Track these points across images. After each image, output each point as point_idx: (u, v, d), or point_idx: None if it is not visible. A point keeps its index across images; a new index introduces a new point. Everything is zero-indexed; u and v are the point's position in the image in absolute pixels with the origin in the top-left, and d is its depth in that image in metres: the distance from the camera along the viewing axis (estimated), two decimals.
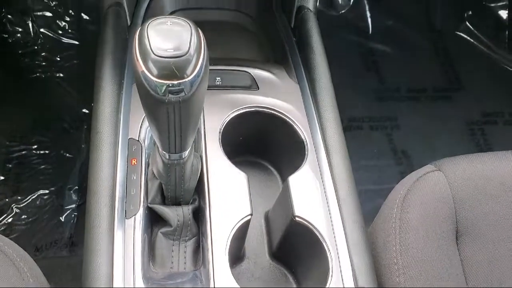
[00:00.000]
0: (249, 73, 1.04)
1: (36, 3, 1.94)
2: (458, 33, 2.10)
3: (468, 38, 2.09)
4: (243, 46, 1.23)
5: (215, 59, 1.08)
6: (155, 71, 0.61)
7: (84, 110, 1.78)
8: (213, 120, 0.94)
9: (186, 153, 0.74)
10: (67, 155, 1.69)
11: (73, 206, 1.59)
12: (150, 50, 0.61)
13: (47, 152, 1.69)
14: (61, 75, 1.87)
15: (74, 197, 1.60)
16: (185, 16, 1.23)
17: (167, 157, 0.74)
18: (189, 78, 0.63)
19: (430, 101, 1.92)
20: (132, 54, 0.63)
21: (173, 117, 0.66)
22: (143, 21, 1.09)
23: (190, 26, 0.65)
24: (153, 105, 0.66)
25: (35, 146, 1.69)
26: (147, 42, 0.62)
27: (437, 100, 1.93)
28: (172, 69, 0.62)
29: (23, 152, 1.68)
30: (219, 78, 1.02)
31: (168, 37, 0.63)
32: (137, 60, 0.62)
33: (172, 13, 1.22)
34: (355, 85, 1.95)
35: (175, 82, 0.63)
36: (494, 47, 2.08)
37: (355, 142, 1.80)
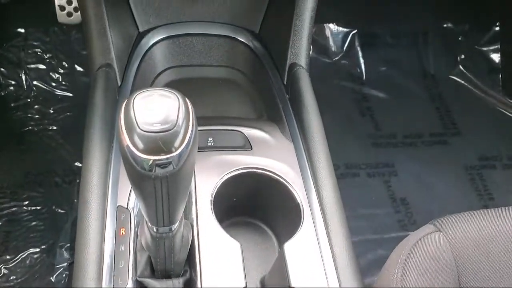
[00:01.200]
0: (242, 133, 1.02)
1: (29, 55, 1.95)
2: (452, 77, 2.11)
3: (462, 82, 2.10)
4: (236, 102, 1.21)
5: (207, 118, 1.07)
6: (140, 146, 0.59)
7: (77, 164, 1.75)
8: (205, 184, 0.91)
9: (176, 225, 0.71)
10: (59, 210, 1.65)
11: (65, 264, 1.54)
12: (136, 124, 0.60)
13: (38, 208, 1.65)
14: (54, 127, 1.85)
15: (65, 255, 1.56)
16: (176, 73, 1.24)
17: (155, 230, 0.71)
18: (177, 151, 0.61)
19: (427, 147, 1.91)
20: (117, 127, 0.62)
21: (160, 192, 0.64)
22: (133, 84, 1.08)
23: (178, 98, 0.63)
24: (139, 179, 0.64)
25: (26, 202, 1.66)
26: (133, 115, 0.60)
27: (434, 145, 1.92)
28: (159, 144, 0.60)
29: (14, 209, 1.64)
30: (211, 139, 1.00)
31: (154, 111, 0.61)
32: (122, 133, 0.61)
33: (163, 71, 1.21)
34: (351, 131, 1.94)
35: (162, 157, 0.61)
36: (489, 90, 2.08)
37: (352, 190, 1.77)
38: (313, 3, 1.12)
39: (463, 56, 2.13)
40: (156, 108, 0.62)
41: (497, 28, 2.09)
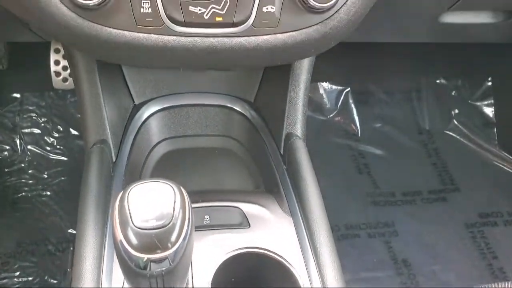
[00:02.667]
0: (239, 208, 1.00)
1: (24, 120, 1.94)
2: (447, 132, 2.11)
3: (458, 137, 2.10)
4: (232, 172, 1.20)
5: (203, 193, 1.05)
6: (135, 243, 0.57)
7: (70, 231, 1.72)
8: (202, 268, 0.88)
9: None
10: (52, 280, 1.61)
11: None
12: (130, 220, 0.58)
13: (30, 279, 1.61)
14: (48, 193, 1.83)
15: None
16: (172, 144, 1.23)
17: None
18: (174, 248, 0.59)
19: (426, 204, 1.89)
20: (111, 219, 0.60)
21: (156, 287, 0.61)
22: (128, 157, 1.07)
23: (174, 190, 0.62)
24: (133, 275, 0.62)
25: (18, 273, 1.61)
26: (127, 210, 0.59)
27: (433, 202, 1.90)
28: (154, 241, 0.58)
29: (4, 281, 1.59)
30: (207, 217, 0.97)
31: (149, 205, 0.60)
32: (116, 228, 0.59)
33: (158, 143, 1.20)
34: (349, 189, 1.92)
35: (157, 255, 0.59)
36: (485, 144, 2.08)
37: (353, 252, 1.74)
38: (307, 75, 1.13)
39: (457, 111, 2.14)
40: (151, 203, 0.60)
41: (489, 83, 2.11)
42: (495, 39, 1.62)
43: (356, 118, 2.08)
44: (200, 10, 0.76)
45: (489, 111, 2.13)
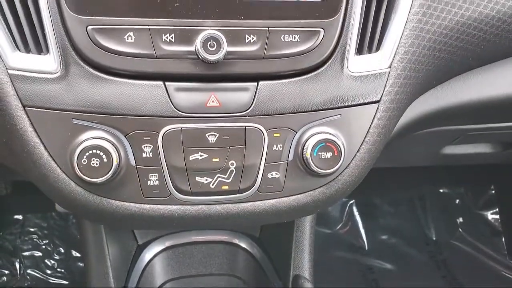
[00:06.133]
0: None
1: (25, 242, 1.92)
2: (453, 242, 2.07)
3: (465, 247, 2.06)
4: None
5: None
6: None
7: None
8: None
9: None
10: None
11: None
12: None
13: None
14: None
15: None
16: (176, 285, 1.20)
17: None
18: None
19: None
20: None
21: None
22: None
23: None
24: None
25: None
26: None
27: None
28: None
29: None
30: None
31: None
32: None
33: (164, 283, 1.17)
34: None
35: None
36: (494, 254, 2.04)
37: None
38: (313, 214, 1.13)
39: (461, 220, 2.12)
40: None
41: (493, 191, 2.11)
42: (494, 162, 1.64)
43: (362, 230, 2.05)
44: (206, 180, 0.77)
45: (495, 219, 2.11)
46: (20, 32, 0.73)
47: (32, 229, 1.93)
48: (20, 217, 1.93)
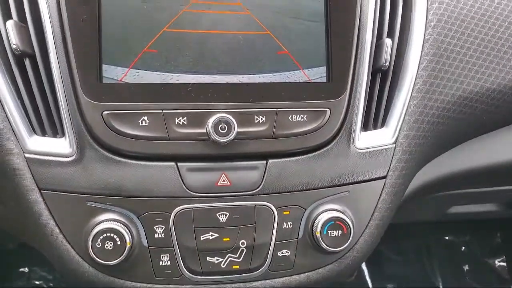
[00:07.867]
0: None
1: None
2: None
3: None
4: None
5: None
6: None
7: None
8: None
9: None
10: None
11: None
12: None
13: None
14: None
15: None
16: None
17: None
18: None
19: None
20: None
21: None
22: None
23: None
24: None
25: None
26: None
27: None
28: None
29: None
30: None
31: None
32: None
33: None
34: None
35: None
36: None
37: None
38: None
39: (467, 267, 2.10)
40: None
41: (499, 239, 2.10)
42: (500, 217, 1.65)
43: (369, 280, 2.04)
44: (217, 260, 0.78)
45: (502, 267, 2.10)
46: (36, 116, 0.75)
47: (37, 282, 1.92)
48: (26, 269, 1.92)
